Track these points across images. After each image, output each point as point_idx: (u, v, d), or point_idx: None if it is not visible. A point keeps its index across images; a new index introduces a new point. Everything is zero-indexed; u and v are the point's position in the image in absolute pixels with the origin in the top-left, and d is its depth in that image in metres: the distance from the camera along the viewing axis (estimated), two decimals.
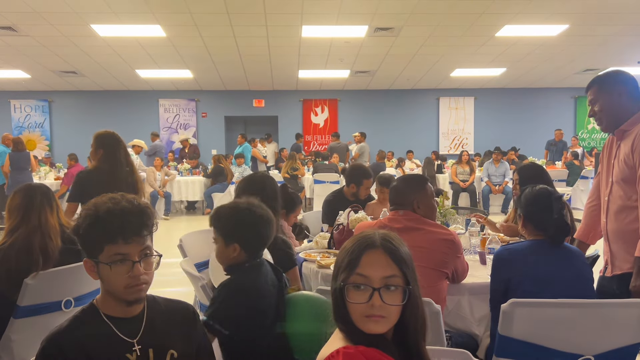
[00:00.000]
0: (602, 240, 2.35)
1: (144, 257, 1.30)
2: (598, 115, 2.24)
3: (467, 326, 2.37)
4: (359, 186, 3.90)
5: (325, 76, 11.85)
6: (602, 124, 2.25)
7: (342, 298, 1.13)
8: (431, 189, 2.44)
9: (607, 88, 2.21)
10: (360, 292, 1.12)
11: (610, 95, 2.19)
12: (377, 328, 1.11)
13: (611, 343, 1.73)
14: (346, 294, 1.12)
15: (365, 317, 1.11)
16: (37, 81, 11.97)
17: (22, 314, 2.21)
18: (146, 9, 6.91)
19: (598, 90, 2.23)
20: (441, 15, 7.38)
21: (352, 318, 1.12)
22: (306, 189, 9.87)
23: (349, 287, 1.13)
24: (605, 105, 2.20)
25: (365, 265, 1.13)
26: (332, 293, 1.17)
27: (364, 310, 1.11)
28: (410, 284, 1.14)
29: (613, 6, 7.09)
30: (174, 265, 2.64)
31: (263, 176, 2.78)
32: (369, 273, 1.12)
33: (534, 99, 13.90)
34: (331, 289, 1.18)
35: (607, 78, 2.24)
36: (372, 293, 1.11)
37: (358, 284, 1.12)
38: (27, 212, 2.38)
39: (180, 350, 1.38)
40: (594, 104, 2.25)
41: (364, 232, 1.21)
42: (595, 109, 2.24)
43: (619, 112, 2.18)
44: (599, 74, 2.28)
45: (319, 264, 2.69)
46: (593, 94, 2.25)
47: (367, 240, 1.16)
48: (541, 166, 3.25)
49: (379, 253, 1.14)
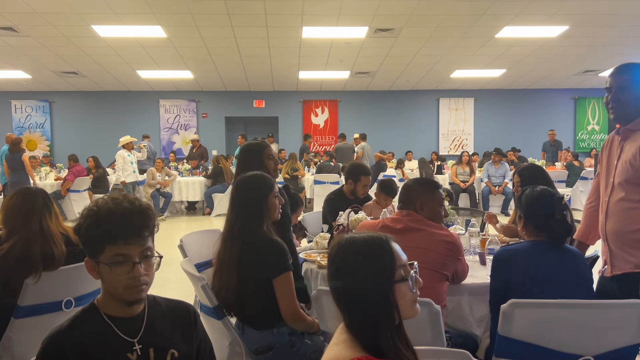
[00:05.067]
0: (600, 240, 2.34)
1: (145, 258, 1.30)
2: (615, 104, 2.14)
3: (467, 326, 2.37)
4: (356, 183, 3.89)
5: (326, 77, 11.86)
6: (618, 113, 2.15)
7: (391, 300, 1.12)
8: (440, 195, 2.42)
9: (636, 81, 2.11)
10: (407, 282, 1.14)
11: (637, 89, 2.11)
12: (418, 308, 1.17)
13: (611, 343, 1.73)
14: (396, 292, 1.12)
15: (413, 302, 1.15)
16: (38, 81, 11.97)
17: (23, 314, 2.21)
18: (147, 10, 6.92)
19: (629, 79, 2.12)
20: (441, 17, 7.39)
21: (400, 315, 1.13)
22: (306, 189, 9.88)
23: (399, 285, 1.13)
24: (630, 97, 2.11)
25: (399, 255, 1.16)
26: (373, 303, 1.11)
27: (412, 296, 1.14)
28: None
29: (613, 7, 7.09)
30: (174, 265, 2.64)
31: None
32: (406, 260, 1.17)
33: (534, 100, 13.90)
34: (367, 300, 1.12)
35: (636, 70, 2.12)
36: (414, 277, 1.15)
37: (405, 276, 1.14)
38: (28, 217, 2.32)
39: (181, 350, 1.39)
40: (621, 91, 2.12)
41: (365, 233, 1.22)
42: (620, 97, 2.12)
43: (636, 108, 2.11)
44: (631, 64, 2.15)
45: (319, 264, 2.70)
46: (622, 81, 2.13)
47: (381, 236, 1.18)
48: (541, 167, 3.24)
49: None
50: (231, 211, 2.24)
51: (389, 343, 1.10)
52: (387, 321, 1.11)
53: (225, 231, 2.24)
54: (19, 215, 2.32)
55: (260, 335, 2.16)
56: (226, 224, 2.24)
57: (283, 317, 2.13)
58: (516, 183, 3.08)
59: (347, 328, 1.13)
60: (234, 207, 2.23)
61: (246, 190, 2.24)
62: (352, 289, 1.13)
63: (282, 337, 2.16)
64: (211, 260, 2.76)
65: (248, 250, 2.13)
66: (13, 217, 2.33)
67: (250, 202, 2.20)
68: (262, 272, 2.12)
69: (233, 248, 2.16)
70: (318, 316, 2.13)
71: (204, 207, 9.87)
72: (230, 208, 2.25)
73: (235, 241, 2.17)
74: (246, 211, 2.19)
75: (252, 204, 2.20)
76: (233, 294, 2.13)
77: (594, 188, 2.42)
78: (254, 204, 2.20)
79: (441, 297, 2.17)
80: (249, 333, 2.18)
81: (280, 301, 2.11)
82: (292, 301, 2.12)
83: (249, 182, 2.26)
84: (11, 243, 2.28)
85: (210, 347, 1.52)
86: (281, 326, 2.16)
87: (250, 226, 2.17)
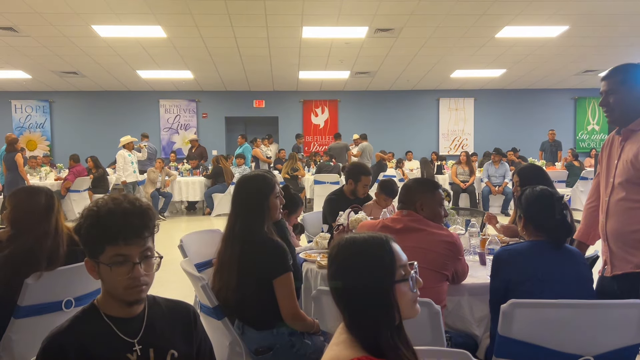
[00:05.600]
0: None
1: (145, 258, 1.30)
2: (611, 107, 2.15)
3: (467, 327, 2.37)
4: (356, 183, 3.88)
5: (326, 77, 11.86)
6: (613, 116, 2.16)
7: (391, 299, 1.12)
8: (440, 195, 2.42)
9: (630, 82, 2.12)
10: (407, 282, 1.14)
11: (630, 90, 2.11)
12: (419, 308, 1.16)
13: (611, 343, 1.73)
14: (396, 292, 1.12)
15: (413, 302, 1.14)
16: (38, 81, 11.98)
17: (23, 314, 2.20)
18: (147, 10, 6.92)
19: (621, 82, 2.12)
20: (441, 17, 7.39)
21: (400, 315, 1.12)
22: (306, 189, 9.88)
23: (399, 285, 1.13)
24: (625, 99, 2.11)
25: (399, 255, 1.16)
26: (374, 303, 1.11)
27: (412, 296, 1.14)
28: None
29: (613, 8, 7.09)
30: (174, 265, 2.64)
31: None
32: (406, 260, 1.16)
33: (534, 100, 13.90)
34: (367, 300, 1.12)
35: (632, 71, 2.13)
36: (414, 277, 1.15)
37: (405, 276, 1.14)
38: (48, 215, 2.30)
39: (181, 350, 1.39)
40: (611, 94, 2.14)
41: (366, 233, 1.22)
42: (610, 101, 2.14)
43: (636, 108, 2.11)
44: (624, 65, 2.16)
45: (319, 264, 2.70)
46: (613, 84, 2.14)
47: (381, 236, 1.18)
48: (541, 167, 3.24)
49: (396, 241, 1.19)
50: (232, 211, 2.24)
51: (389, 343, 1.09)
52: (388, 321, 1.11)
53: (226, 231, 2.25)
54: (35, 215, 2.29)
55: (260, 335, 2.16)
56: (227, 224, 2.25)
57: (283, 318, 2.13)
58: (515, 183, 3.08)
59: (347, 328, 1.13)
60: (235, 207, 2.24)
61: (247, 190, 2.24)
62: (353, 289, 1.13)
63: (282, 337, 2.16)
64: (211, 260, 2.77)
65: (248, 250, 2.14)
66: (30, 216, 2.28)
67: (251, 202, 2.20)
68: (263, 272, 2.12)
69: (234, 248, 2.17)
70: (318, 316, 2.13)
71: (204, 207, 9.87)
72: (232, 208, 2.25)
73: (235, 241, 2.17)
74: (247, 211, 2.20)
75: (253, 204, 2.20)
76: (233, 294, 2.13)
77: (594, 188, 2.42)
78: (254, 204, 2.20)
79: (441, 297, 2.17)
80: (249, 333, 2.18)
81: (280, 302, 2.12)
82: (292, 302, 2.12)
83: (250, 182, 2.26)
84: (22, 241, 2.26)
85: (210, 348, 1.52)
86: (281, 326, 2.16)
87: (250, 226, 2.17)
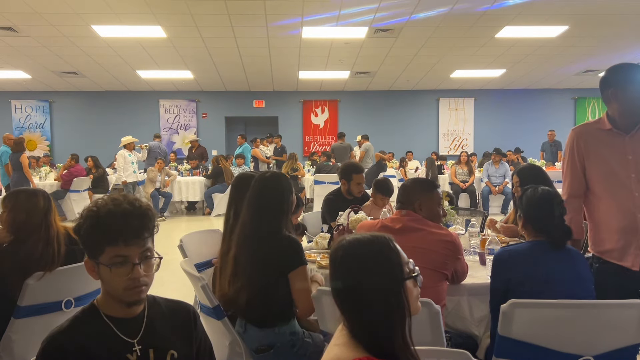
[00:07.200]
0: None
1: (144, 259, 1.30)
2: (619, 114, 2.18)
3: (467, 327, 2.37)
4: (349, 182, 3.86)
5: (326, 77, 11.85)
6: (626, 122, 2.19)
7: (402, 297, 1.11)
8: (439, 195, 2.43)
9: (623, 85, 2.15)
10: (412, 279, 1.14)
11: (630, 93, 2.14)
12: (420, 305, 1.16)
13: (611, 343, 1.73)
14: (406, 290, 1.12)
15: (417, 299, 1.14)
16: (38, 81, 11.97)
17: (23, 314, 2.21)
18: (147, 10, 6.92)
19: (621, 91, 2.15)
20: (441, 17, 7.39)
21: (410, 312, 1.12)
22: (306, 189, 9.88)
23: (406, 282, 1.13)
24: (628, 103, 2.15)
25: (402, 253, 1.16)
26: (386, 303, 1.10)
27: (417, 293, 1.14)
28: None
29: (612, 8, 7.09)
30: (174, 265, 2.64)
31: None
32: (407, 258, 1.16)
33: (534, 100, 13.90)
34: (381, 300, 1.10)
35: (618, 76, 2.16)
36: (417, 274, 1.15)
37: (413, 273, 1.14)
38: (46, 217, 2.33)
39: (181, 351, 1.39)
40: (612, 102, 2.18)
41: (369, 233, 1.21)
42: (615, 107, 2.18)
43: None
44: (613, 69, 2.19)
45: (319, 264, 2.70)
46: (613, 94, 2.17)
47: (384, 236, 1.18)
48: (540, 167, 3.23)
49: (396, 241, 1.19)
50: (248, 210, 2.26)
51: (400, 342, 1.08)
52: (401, 320, 1.10)
53: (238, 231, 2.25)
54: (35, 217, 2.31)
55: (262, 333, 2.17)
56: (240, 224, 2.26)
57: (299, 313, 2.19)
58: (515, 183, 3.08)
59: (350, 329, 1.11)
60: (254, 207, 2.25)
61: (273, 189, 2.28)
62: (362, 290, 1.10)
63: (282, 336, 2.17)
64: (211, 260, 2.77)
65: (267, 247, 2.17)
66: (30, 218, 2.30)
67: (277, 201, 2.26)
68: (282, 267, 2.16)
69: (250, 246, 2.19)
70: (318, 316, 2.13)
71: (204, 207, 9.87)
72: (249, 207, 2.26)
73: (252, 239, 2.19)
74: (273, 210, 2.24)
75: (279, 203, 2.26)
76: (244, 292, 2.15)
77: (576, 182, 2.47)
78: (281, 203, 2.26)
79: (441, 297, 2.17)
80: (250, 331, 2.19)
81: (296, 295, 2.16)
82: (308, 295, 2.15)
83: (275, 182, 2.31)
84: (25, 240, 2.28)
85: (210, 348, 1.52)
86: (282, 325, 2.17)
87: (271, 224, 2.21)
